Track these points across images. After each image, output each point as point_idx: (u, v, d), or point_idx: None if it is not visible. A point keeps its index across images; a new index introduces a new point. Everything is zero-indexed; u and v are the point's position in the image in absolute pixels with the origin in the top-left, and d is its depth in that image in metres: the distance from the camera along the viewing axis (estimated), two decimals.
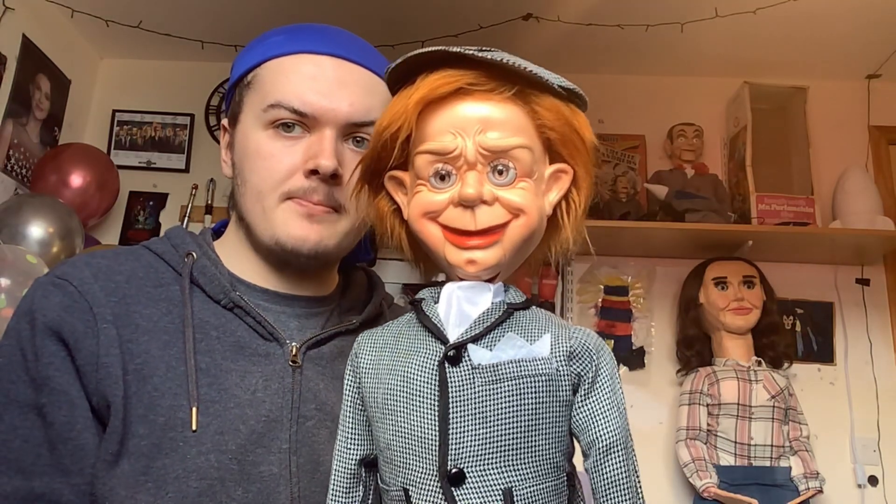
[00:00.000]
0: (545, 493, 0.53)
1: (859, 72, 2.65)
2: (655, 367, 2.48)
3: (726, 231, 2.36)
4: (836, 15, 2.31)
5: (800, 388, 2.28)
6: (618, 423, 0.55)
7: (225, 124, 0.84)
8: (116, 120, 2.79)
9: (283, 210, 0.75)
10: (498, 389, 0.53)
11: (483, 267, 0.58)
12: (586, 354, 0.56)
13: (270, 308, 0.79)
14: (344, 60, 0.78)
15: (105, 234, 2.66)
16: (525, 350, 0.55)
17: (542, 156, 0.60)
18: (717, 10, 2.25)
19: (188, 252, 0.78)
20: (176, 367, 0.70)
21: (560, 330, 0.58)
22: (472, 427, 0.53)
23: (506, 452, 0.52)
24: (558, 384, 0.55)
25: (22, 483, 0.66)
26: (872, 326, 2.48)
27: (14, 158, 2.35)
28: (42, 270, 1.88)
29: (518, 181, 0.58)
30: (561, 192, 0.61)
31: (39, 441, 0.68)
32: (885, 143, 2.67)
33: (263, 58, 0.79)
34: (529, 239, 0.59)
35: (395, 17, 2.44)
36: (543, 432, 0.54)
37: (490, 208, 0.57)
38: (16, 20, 2.30)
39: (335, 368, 0.78)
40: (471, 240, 0.57)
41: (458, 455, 0.52)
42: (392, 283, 2.59)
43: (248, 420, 0.70)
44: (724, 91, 2.64)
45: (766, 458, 2.07)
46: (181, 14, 2.47)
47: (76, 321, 0.70)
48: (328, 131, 0.75)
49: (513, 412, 0.53)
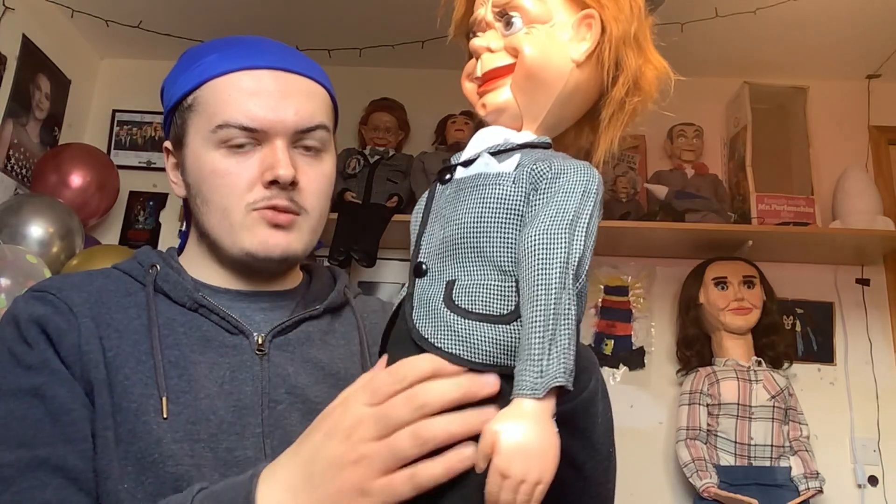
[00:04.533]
0: (484, 290, 0.55)
1: (859, 72, 2.65)
2: (655, 367, 2.48)
3: (726, 231, 2.36)
4: (836, 15, 2.32)
5: (800, 388, 2.28)
6: (546, 225, 0.53)
7: (168, 146, 0.86)
8: (116, 120, 2.79)
9: (250, 222, 0.78)
10: (458, 196, 0.59)
11: (492, 108, 0.62)
12: (546, 170, 0.57)
13: (234, 305, 0.81)
14: (281, 71, 0.80)
15: (105, 234, 2.66)
16: (492, 166, 0.59)
17: (563, 4, 0.63)
18: (717, 10, 2.25)
19: (152, 265, 0.82)
20: (145, 361, 0.74)
21: (544, 155, 0.59)
22: (437, 230, 0.59)
23: (455, 251, 0.57)
24: (509, 194, 0.56)
25: (25, 453, 0.69)
26: (872, 326, 2.49)
27: (14, 158, 2.35)
28: (42, 270, 1.88)
29: (526, 28, 0.62)
30: (594, 39, 0.62)
31: (39, 417, 0.70)
32: (885, 143, 2.67)
33: (201, 79, 0.80)
34: (536, 80, 0.61)
35: (396, 16, 2.44)
36: (487, 235, 0.56)
37: (493, 55, 0.63)
38: (16, 20, 2.30)
39: (304, 352, 0.80)
40: (482, 86, 0.63)
41: (424, 253, 0.59)
42: (392, 283, 2.60)
43: (218, 410, 0.73)
44: (724, 91, 2.65)
45: (766, 458, 2.07)
46: (181, 14, 2.47)
47: (59, 320, 0.74)
48: (279, 142, 0.78)
49: (463, 214, 0.57)
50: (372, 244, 2.35)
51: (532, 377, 0.49)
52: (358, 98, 2.63)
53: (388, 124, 2.58)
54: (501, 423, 0.49)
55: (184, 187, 0.84)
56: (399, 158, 2.54)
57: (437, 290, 0.56)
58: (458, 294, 0.55)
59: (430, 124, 2.67)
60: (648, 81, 0.63)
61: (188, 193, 0.83)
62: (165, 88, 0.86)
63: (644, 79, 0.63)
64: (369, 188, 2.44)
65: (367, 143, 2.57)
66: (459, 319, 0.54)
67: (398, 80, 2.73)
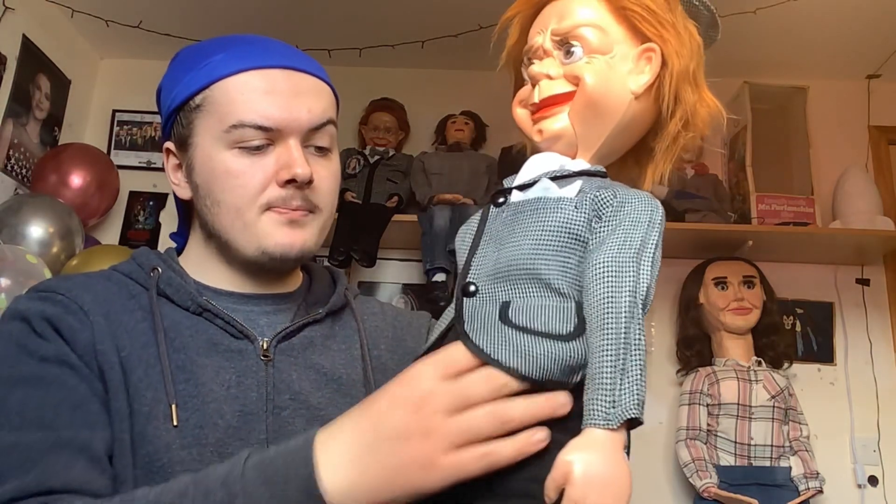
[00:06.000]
0: (543, 311, 0.55)
1: (859, 72, 2.65)
2: (655, 367, 2.48)
3: (726, 231, 2.36)
4: (836, 15, 2.32)
5: (800, 388, 2.27)
6: (614, 252, 0.54)
7: (170, 147, 0.84)
8: (116, 120, 2.79)
9: (264, 221, 0.78)
10: (516, 219, 0.59)
11: (549, 135, 0.63)
12: (611, 198, 0.57)
13: (238, 308, 0.81)
14: (291, 70, 0.80)
15: (105, 234, 2.66)
16: (552, 191, 0.59)
17: (626, 37, 0.63)
18: (717, 10, 2.24)
19: (153, 267, 0.81)
20: (154, 366, 0.73)
21: (605, 183, 0.60)
22: (490, 252, 0.59)
23: (510, 273, 0.57)
24: (571, 219, 0.57)
25: (49, 434, 0.66)
26: (872, 326, 2.48)
27: (14, 158, 2.35)
28: (42, 270, 1.88)
29: (587, 58, 0.62)
30: (653, 72, 0.63)
31: (58, 402, 0.68)
32: (885, 143, 2.67)
33: (210, 79, 0.79)
34: (596, 109, 0.61)
35: (396, 16, 2.44)
36: (545, 259, 0.56)
37: (552, 82, 0.63)
38: (16, 20, 2.30)
39: (307, 358, 0.80)
40: (539, 112, 0.64)
41: (474, 274, 0.59)
42: (392, 283, 2.60)
43: (225, 415, 0.73)
44: (724, 91, 2.64)
45: (766, 458, 2.07)
46: (181, 14, 2.47)
47: (71, 319, 0.73)
48: (292, 140, 0.78)
49: (521, 237, 0.57)
50: (372, 244, 2.34)
51: (604, 407, 0.49)
52: (358, 98, 2.63)
53: (388, 124, 2.58)
54: (575, 454, 0.49)
55: (188, 189, 0.82)
56: (399, 158, 2.54)
57: (491, 310, 0.56)
58: (514, 313, 0.55)
59: (430, 124, 2.67)
60: (702, 118, 0.65)
61: (195, 195, 0.82)
62: (164, 89, 0.85)
63: (697, 115, 0.65)
64: (369, 188, 2.44)
65: (367, 143, 2.57)
66: (518, 334, 0.54)
67: (398, 80, 2.73)
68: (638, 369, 0.50)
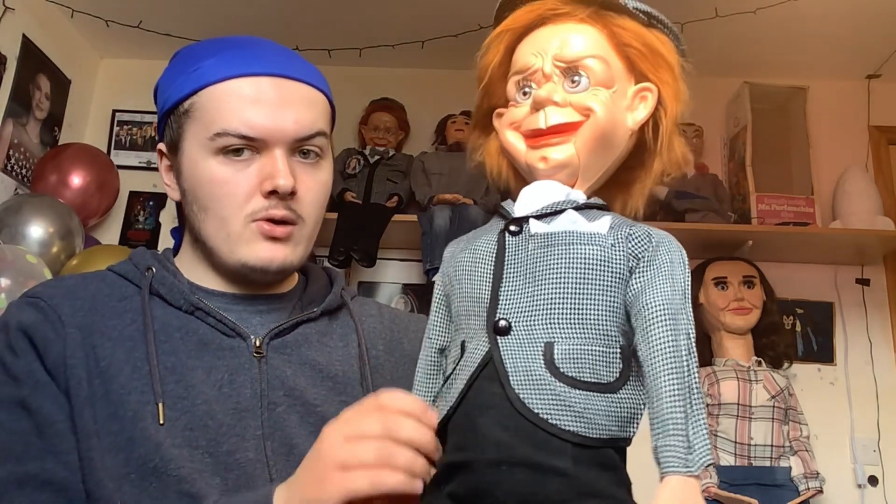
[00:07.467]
0: (590, 355, 0.54)
1: (859, 72, 2.65)
2: None
3: (726, 231, 2.36)
4: (836, 15, 2.31)
5: (800, 388, 2.27)
6: (668, 294, 0.54)
7: (162, 149, 0.84)
8: (116, 120, 2.79)
9: (248, 234, 0.78)
10: (549, 252, 0.57)
11: (555, 163, 0.61)
12: (646, 239, 0.57)
13: (231, 308, 0.81)
14: (281, 78, 0.79)
15: (105, 234, 2.66)
16: (581, 224, 0.58)
17: (624, 73, 0.63)
18: (717, 10, 2.25)
19: (148, 267, 0.81)
20: (141, 368, 0.73)
21: (625, 221, 0.60)
22: (520, 285, 0.57)
23: (551, 310, 0.55)
24: (611, 256, 0.56)
25: (15, 467, 0.70)
26: (872, 326, 2.49)
27: (14, 158, 2.35)
28: (42, 270, 1.88)
29: (592, 89, 0.62)
30: (648, 110, 0.63)
31: (27, 430, 0.71)
32: (885, 143, 2.67)
33: (198, 85, 0.78)
34: (602, 141, 0.62)
35: (396, 16, 2.44)
36: (591, 298, 0.55)
37: (560, 109, 0.61)
38: (16, 20, 2.30)
39: (302, 354, 0.80)
40: (543, 138, 0.62)
41: (506, 309, 0.57)
42: (392, 283, 2.59)
43: (216, 415, 0.73)
44: (724, 91, 2.64)
45: (766, 458, 2.07)
46: (181, 14, 2.47)
47: (47, 329, 0.74)
48: (278, 151, 0.77)
49: (560, 273, 0.56)
50: (372, 244, 2.34)
51: (682, 452, 0.49)
52: (358, 98, 2.63)
53: (388, 124, 2.58)
54: None
55: (178, 191, 0.83)
56: (399, 158, 2.54)
57: (534, 353, 0.55)
58: (561, 359, 0.54)
59: (430, 124, 2.67)
60: (677, 160, 0.66)
61: (183, 199, 0.82)
62: (160, 90, 0.85)
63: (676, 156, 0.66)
64: (369, 188, 2.44)
65: (367, 143, 2.57)
66: (569, 389, 0.53)
67: (398, 80, 2.73)
68: (703, 412, 0.51)
